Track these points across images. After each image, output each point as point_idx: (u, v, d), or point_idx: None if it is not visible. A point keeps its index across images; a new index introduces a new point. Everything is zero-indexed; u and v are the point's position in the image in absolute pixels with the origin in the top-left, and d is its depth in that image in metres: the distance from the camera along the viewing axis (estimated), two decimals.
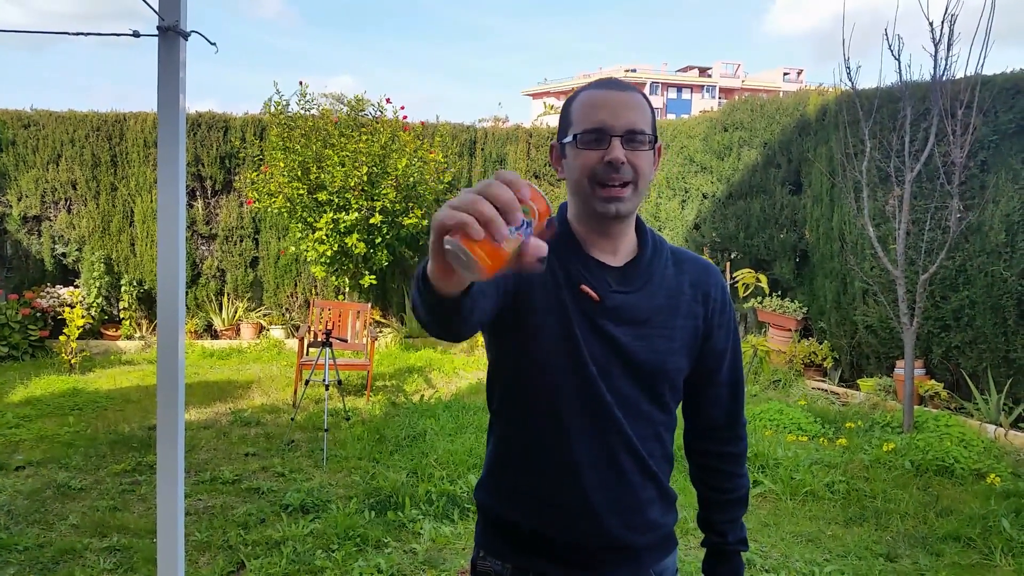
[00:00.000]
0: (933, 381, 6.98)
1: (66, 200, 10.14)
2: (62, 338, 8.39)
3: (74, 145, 10.06)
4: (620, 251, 1.44)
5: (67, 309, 8.60)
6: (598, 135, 1.34)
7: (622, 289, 1.41)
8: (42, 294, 9.33)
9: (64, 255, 10.08)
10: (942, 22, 5.76)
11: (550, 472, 1.44)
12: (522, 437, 1.47)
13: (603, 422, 1.40)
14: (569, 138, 1.39)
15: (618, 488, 1.44)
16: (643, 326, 1.40)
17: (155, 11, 2.15)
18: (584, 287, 1.38)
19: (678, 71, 79.84)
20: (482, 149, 11.12)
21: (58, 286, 9.65)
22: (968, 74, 5.96)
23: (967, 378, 6.79)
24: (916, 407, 6.33)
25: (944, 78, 5.93)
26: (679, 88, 76.02)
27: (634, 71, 73.81)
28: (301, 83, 9.25)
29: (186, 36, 2.20)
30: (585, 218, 1.42)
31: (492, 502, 1.52)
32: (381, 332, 10.17)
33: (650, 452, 1.47)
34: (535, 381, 1.42)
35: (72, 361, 8.35)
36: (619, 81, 1.42)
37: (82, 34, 2.17)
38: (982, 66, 5.92)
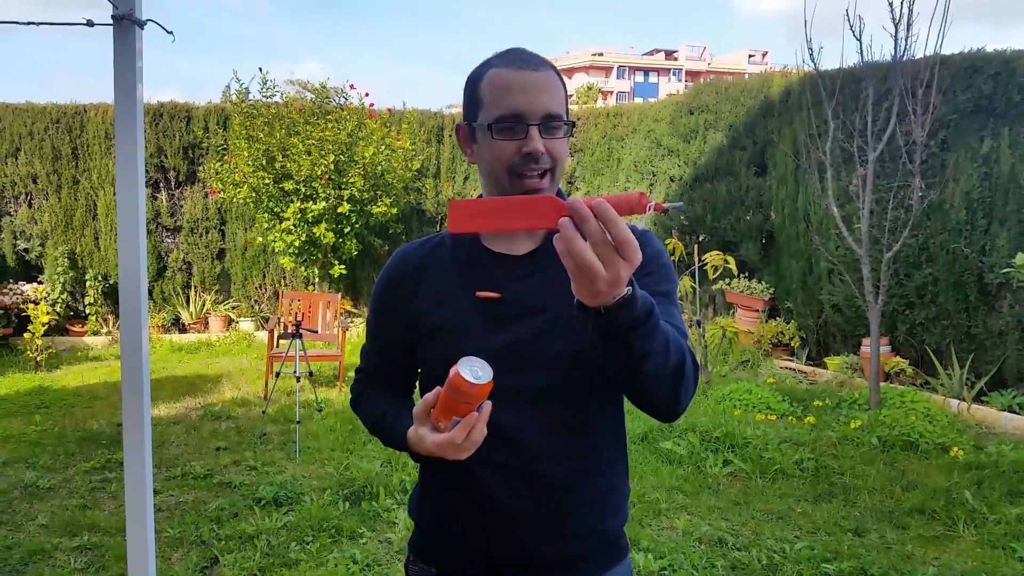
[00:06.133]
0: (898, 358, 7.11)
1: (27, 194, 9.95)
2: (27, 335, 8.25)
3: (33, 138, 9.86)
4: (537, 235, 1.36)
5: (31, 306, 8.45)
6: (514, 123, 1.26)
7: (521, 275, 1.33)
8: (4, 291, 9.16)
9: (26, 251, 9.90)
10: (902, 2, 5.83)
11: (459, 483, 1.36)
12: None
13: (496, 431, 1.26)
14: (481, 123, 1.30)
15: (530, 496, 1.32)
16: (547, 311, 1.30)
17: None
18: (480, 293, 1.32)
19: (644, 54, 79.98)
20: (450, 135, 11.07)
21: (21, 282, 9.48)
22: (928, 54, 6.04)
23: (931, 354, 6.92)
24: (882, 384, 6.44)
25: (904, 58, 6.01)
26: (646, 71, 76.18)
27: (601, 55, 73.82)
28: (260, 70, 9.14)
29: (142, 25, 2.16)
30: None
31: (418, 511, 1.47)
32: (352, 322, 10.13)
33: (575, 450, 1.34)
34: None
35: (38, 358, 8.22)
36: (530, 55, 1.31)
37: (33, 23, 2.12)
38: (941, 45, 6.01)
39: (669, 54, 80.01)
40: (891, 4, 5.86)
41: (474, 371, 1.12)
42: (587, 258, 0.97)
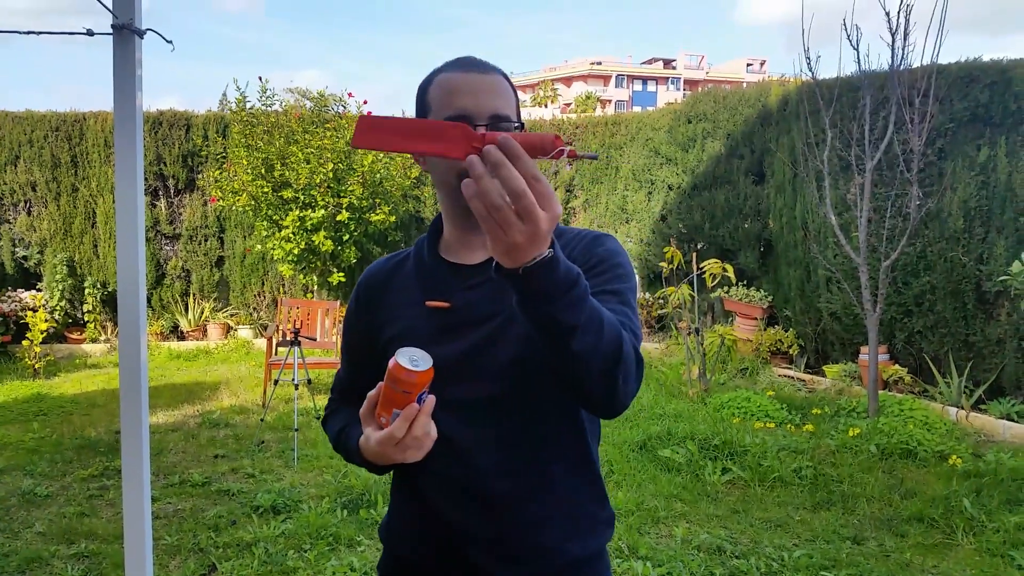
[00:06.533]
0: (897, 366, 7.11)
1: (25, 202, 9.96)
2: (25, 343, 8.25)
3: (33, 146, 9.88)
4: None
5: (29, 313, 8.45)
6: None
7: (473, 283, 1.30)
8: (3, 298, 9.15)
9: (25, 258, 9.90)
10: (898, 12, 5.86)
11: (413, 500, 1.34)
12: (397, 466, 1.32)
13: (445, 444, 1.21)
14: None
15: (477, 514, 1.27)
16: (495, 320, 1.26)
17: (109, 9, 2.12)
18: (430, 303, 1.30)
19: (643, 63, 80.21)
20: None
21: (19, 290, 9.48)
22: (925, 63, 6.07)
23: (929, 362, 6.92)
24: (880, 392, 6.44)
25: (902, 67, 6.03)
26: (644, 80, 76.41)
27: (599, 64, 74.05)
28: (261, 79, 9.17)
29: (141, 34, 2.17)
30: (455, 215, 1.32)
31: (384, 531, 1.44)
32: None
33: (524, 465, 1.27)
34: None
35: (36, 366, 8.21)
36: (478, 60, 1.30)
37: (34, 32, 2.13)
38: (938, 55, 6.04)
39: (668, 63, 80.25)
40: (888, 14, 5.89)
41: (412, 359, 1.09)
42: (497, 201, 0.90)
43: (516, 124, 1.27)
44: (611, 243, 1.32)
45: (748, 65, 76.24)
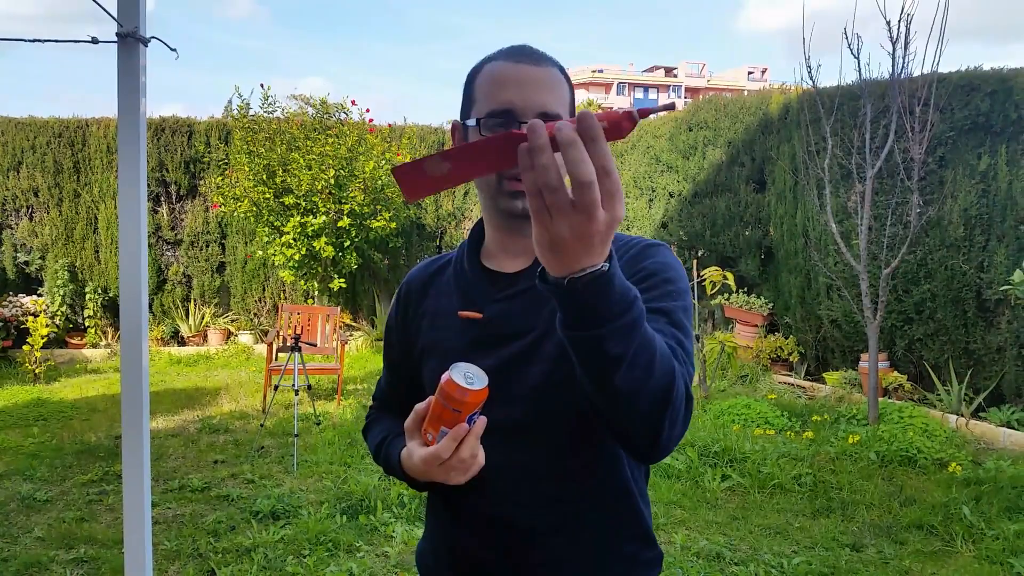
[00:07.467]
0: (897, 373, 7.11)
1: (28, 208, 9.99)
2: (26, 348, 8.26)
3: (35, 152, 9.91)
4: (533, 251, 1.12)
5: (30, 318, 8.47)
6: (504, 119, 1.12)
7: (508, 293, 1.20)
8: (4, 303, 9.16)
9: (27, 263, 9.92)
10: (899, 21, 5.88)
11: (437, 526, 1.28)
12: (430, 489, 1.26)
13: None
14: (472, 121, 1.16)
15: (498, 547, 1.19)
16: (527, 336, 1.16)
17: (113, 17, 2.13)
18: (462, 313, 1.21)
19: (644, 71, 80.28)
20: None
21: (21, 295, 9.49)
22: (925, 72, 6.09)
23: (929, 370, 6.92)
24: (880, 399, 6.44)
25: (902, 76, 6.05)
26: (645, 88, 76.46)
27: (601, 71, 74.13)
28: (263, 85, 9.22)
29: (146, 42, 2.18)
30: (493, 216, 1.22)
31: (418, 556, 1.38)
32: (351, 336, 10.13)
33: (549, 496, 1.18)
34: None
35: (36, 371, 8.22)
36: (532, 50, 1.18)
37: (39, 40, 2.14)
38: (938, 64, 6.06)
39: (669, 71, 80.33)
40: (889, 23, 5.91)
41: (467, 375, 1.03)
42: (555, 182, 0.76)
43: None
44: (663, 254, 1.18)
45: (749, 73, 76.27)
